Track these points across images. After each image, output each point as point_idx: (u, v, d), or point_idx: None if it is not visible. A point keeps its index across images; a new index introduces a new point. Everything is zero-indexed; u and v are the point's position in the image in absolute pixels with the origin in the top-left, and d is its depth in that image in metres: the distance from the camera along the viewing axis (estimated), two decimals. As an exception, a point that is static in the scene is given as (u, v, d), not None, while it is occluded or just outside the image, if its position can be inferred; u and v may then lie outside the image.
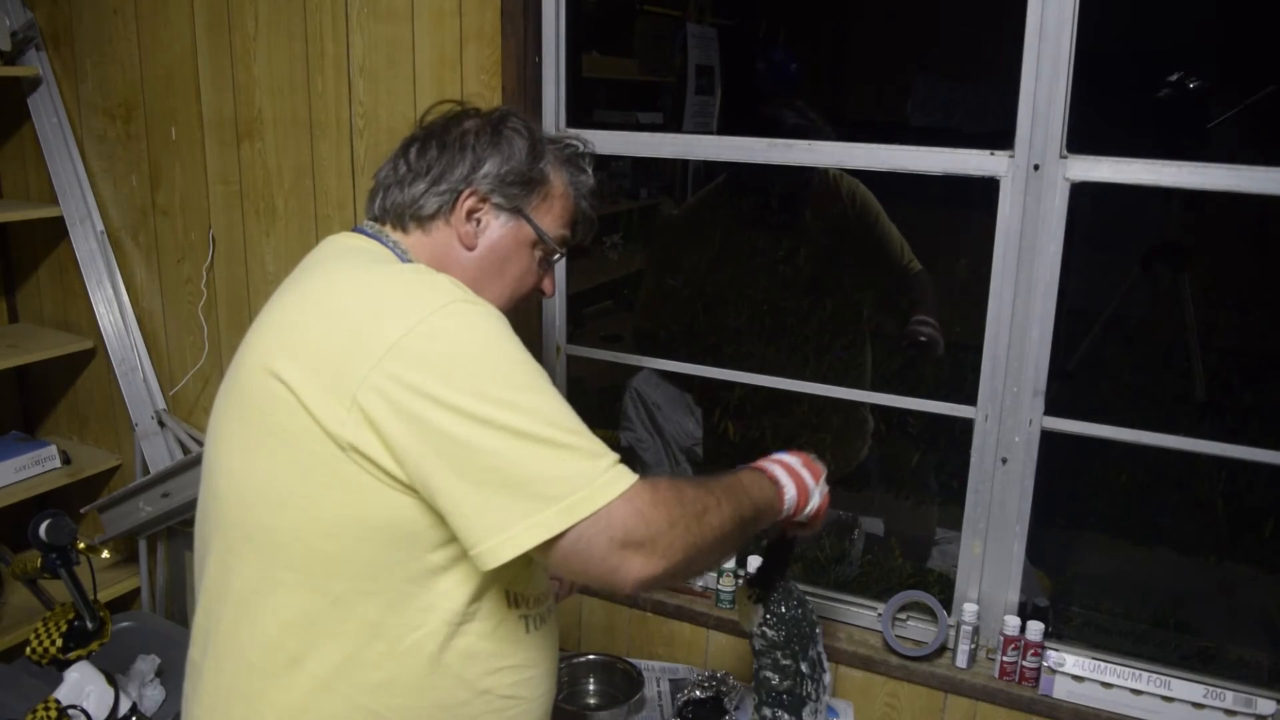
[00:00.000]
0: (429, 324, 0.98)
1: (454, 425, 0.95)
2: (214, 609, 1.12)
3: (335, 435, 0.98)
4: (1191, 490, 2.78)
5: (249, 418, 1.07)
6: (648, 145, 1.96)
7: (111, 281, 2.38)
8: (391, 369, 0.96)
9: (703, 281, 2.48)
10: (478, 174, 1.19)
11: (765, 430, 2.62)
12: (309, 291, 1.10)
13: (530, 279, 1.26)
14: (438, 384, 0.95)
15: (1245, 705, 1.56)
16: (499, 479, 0.95)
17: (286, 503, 1.03)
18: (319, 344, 1.02)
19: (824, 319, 2.50)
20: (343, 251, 1.17)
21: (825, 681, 1.51)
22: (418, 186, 1.19)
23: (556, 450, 0.97)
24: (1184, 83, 2.18)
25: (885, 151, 1.68)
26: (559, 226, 1.26)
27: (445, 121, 1.24)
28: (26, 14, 2.33)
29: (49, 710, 1.73)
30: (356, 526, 1.01)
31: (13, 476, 2.32)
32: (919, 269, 2.32)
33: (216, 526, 1.12)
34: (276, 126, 2.10)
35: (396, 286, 1.05)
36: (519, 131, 1.22)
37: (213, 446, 1.14)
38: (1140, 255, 2.64)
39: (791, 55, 3.34)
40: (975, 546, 1.73)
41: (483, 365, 0.98)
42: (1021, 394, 1.64)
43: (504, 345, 1.01)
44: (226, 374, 1.16)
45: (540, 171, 1.22)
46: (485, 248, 1.21)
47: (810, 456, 1.36)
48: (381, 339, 0.97)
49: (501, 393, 0.97)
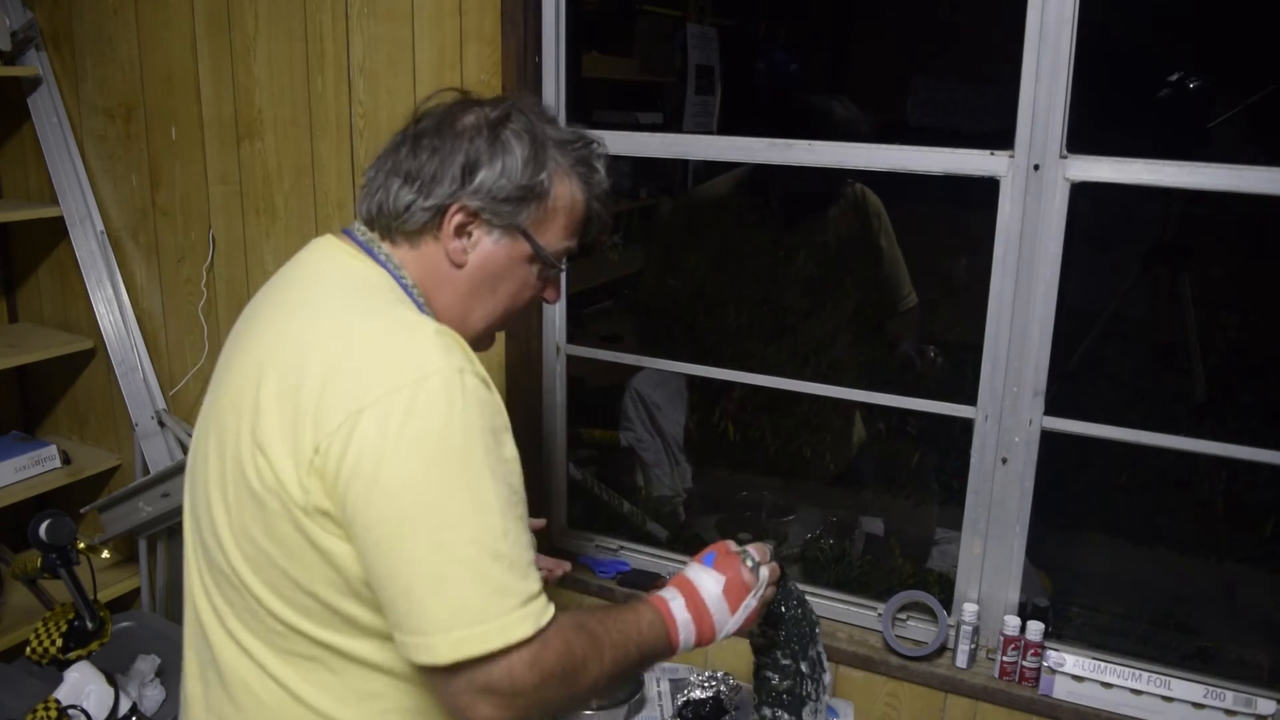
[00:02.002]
0: (392, 401, 0.94)
1: (385, 513, 0.94)
2: (207, 649, 1.12)
3: (299, 501, 0.97)
4: (1191, 490, 2.77)
5: (229, 474, 1.05)
6: (648, 145, 1.96)
7: (111, 281, 2.38)
8: (345, 439, 0.94)
9: (705, 278, 2.50)
10: (467, 188, 1.10)
11: (765, 430, 2.62)
12: (297, 329, 1.05)
13: (528, 293, 1.19)
14: (378, 466, 0.93)
15: (1245, 705, 1.56)
16: (404, 585, 0.94)
17: (266, 562, 1.03)
18: (292, 404, 0.99)
19: (825, 319, 2.50)
20: (336, 277, 1.11)
21: (825, 681, 1.51)
22: (404, 195, 1.11)
23: (470, 573, 0.93)
24: (1184, 83, 2.18)
25: (885, 151, 1.68)
26: (562, 239, 1.18)
27: (441, 117, 1.14)
28: (26, 14, 2.33)
29: (49, 710, 1.73)
30: (333, 585, 1.01)
31: (13, 476, 2.33)
32: (914, 303, 2.38)
33: (205, 564, 1.12)
34: (276, 126, 2.10)
35: (380, 348, 0.99)
36: (519, 135, 1.12)
37: (198, 469, 1.12)
38: (1140, 255, 2.64)
39: (791, 55, 3.34)
40: (975, 546, 1.73)
41: (432, 461, 0.94)
42: (1021, 394, 1.64)
43: (464, 439, 0.95)
44: (216, 377, 1.15)
45: (540, 184, 1.13)
46: (475, 265, 1.13)
47: (741, 568, 1.22)
48: (345, 406, 0.95)
49: (439, 497, 0.94)
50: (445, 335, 1.01)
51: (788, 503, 2.63)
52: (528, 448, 2.00)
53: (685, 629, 1.15)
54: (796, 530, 2.53)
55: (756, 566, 1.23)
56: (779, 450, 2.68)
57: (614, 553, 2.05)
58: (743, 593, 1.21)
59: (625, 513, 2.39)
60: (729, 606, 1.19)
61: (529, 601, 0.95)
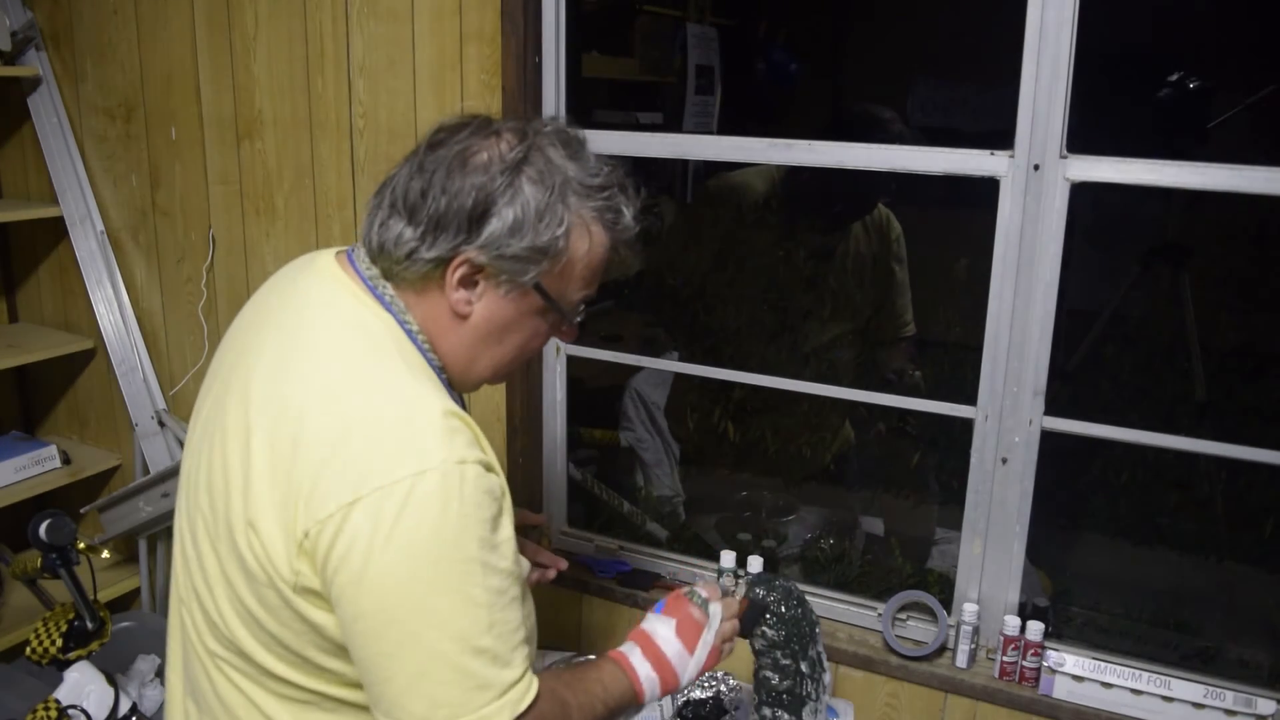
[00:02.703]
0: (386, 496, 0.92)
1: (369, 608, 0.94)
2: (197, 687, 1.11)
3: (288, 580, 0.97)
4: (1191, 490, 2.78)
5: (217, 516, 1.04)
6: (648, 145, 1.96)
7: (111, 281, 2.38)
8: (336, 528, 0.93)
9: (710, 274, 2.52)
10: (473, 240, 1.01)
11: (765, 430, 2.62)
12: (293, 389, 1.00)
13: (539, 341, 1.13)
14: (366, 562, 0.92)
15: (1245, 705, 1.56)
16: (385, 675, 0.95)
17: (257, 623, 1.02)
18: (284, 482, 0.96)
19: (828, 325, 2.52)
20: (337, 326, 1.04)
21: (825, 681, 1.51)
22: (407, 240, 1.03)
23: (450, 671, 0.94)
24: (1184, 83, 2.18)
25: (885, 151, 1.68)
26: (580, 289, 1.10)
27: (453, 149, 1.04)
28: (26, 14, 2.33)
29: (49, 710, 1.73)
30: (323, 650, 1.01)
31: (13, 476, 2.33)
32: (912, 331, 2.41)
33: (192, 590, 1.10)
34: (276, 126, 2.10)
35: (379, 435, 0.95)
36: (537, 182, 1.02)
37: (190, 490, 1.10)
38: (1140, 255, 2.64)
39: (791, 55, 3.34)
40: (975, 546, 1.73)
41: (422, 561, 0.92)
42: (1021, 394, 1.64)
43: (458, 537, 0.93)
44: (208, 396, 1.13)
45: (555, 243, 1.03)
46: (481, 318, 1.06)
47: (690, 608, 1.23)
48: (338, 495, 0.93)
49: (425, 597, 0.93)
50: (448, 419, 0.97)
51: (788, 502, 2.63)
52: (528, 448, 2.00)
53: (648, 679, 1.17)
54: (796, 530, 2.53)
55: (705, 603, 1.25)
56: (779, 450, 2.68)
57: (614, 553, 2.05)
58: (695, 630, 1.22)
59: (625, 513, 2.39)
60: (685, 647, 1.20)
61: (509, 690, 0.97)
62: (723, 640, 1.26)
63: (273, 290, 1.15)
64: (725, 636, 1.26)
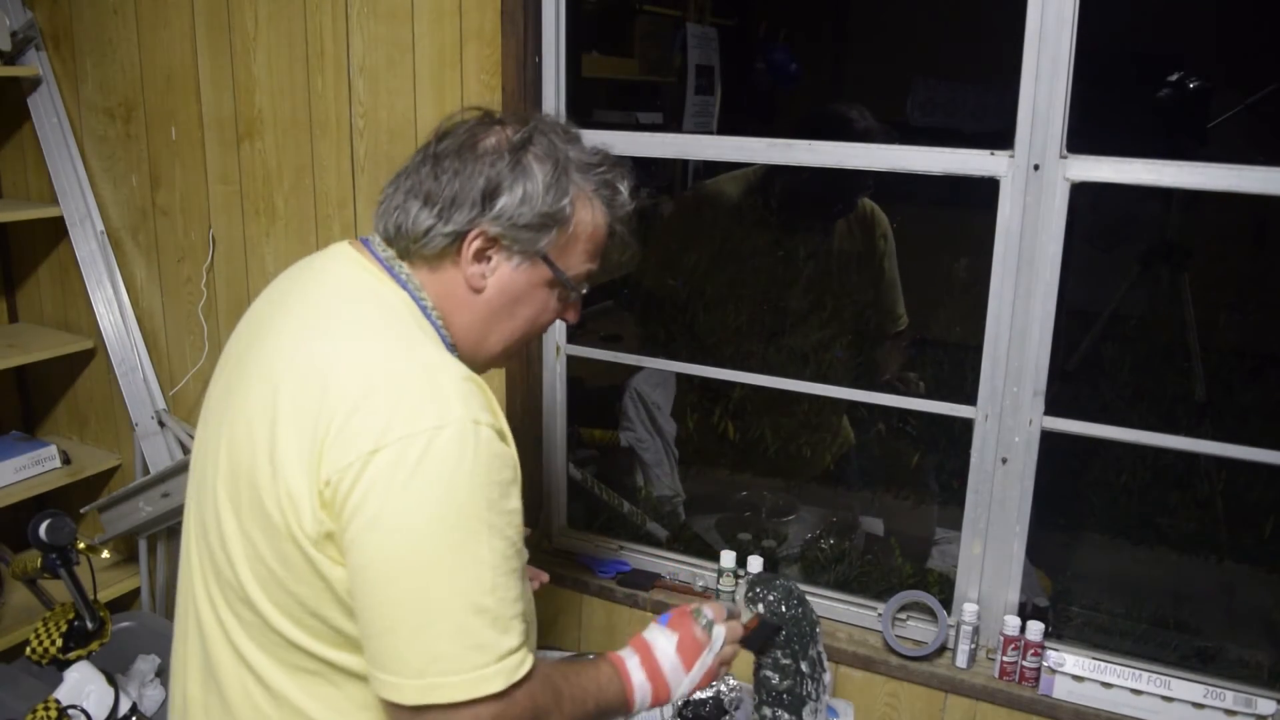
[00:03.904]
0: (406, 446, 0.95)
1: (379, 554, 0.95)
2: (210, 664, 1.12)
3: (309, 531, 0.99)
4: (1191, 490, 2.78)
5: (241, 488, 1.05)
6: (648, 145, 1.96)
7: (111, 281, 2.38)
8: (355, 475, 0.95)
9: (704, 276, 2.52)
10: (487, 213, 1.09)
11: (765, 430, 2.62)
12: (319, 351, 1.04)
13: (547, 316, 1.19)
14: (382, 507, 0.94)
15: (1245, 705, 1.56)
16: (385, 625, 0.96)
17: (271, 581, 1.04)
18: (310, 432, 0.99)
19: (820, 325, 2.52)
20: (358, 298, 1.10)
21: (825, 681, 1.51)
22: (424, 219, 1.10)
23: (451, 625, 0.96)
24: (1184, 83, 2.18)
25: (885, 151, 1.68)
26: (583, 262, 1.17)
27: (462, 138, 1.12)
28: (26, 14, 2.33)
29: (49, 710, 1.73)
30: (339, 608, 1.02)
31: (13, 476, 2.32)
32: (905, 325, 2.40)
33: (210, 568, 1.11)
34: (276, 126, 2.10)
35: (402, 391, 0.99)
36: (541, 159, 1.11)
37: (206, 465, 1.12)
38: (1140, 255, 2.64)
39: (791, 55, 3.34)
40: (975, 546, 1.73)
41: (434, 512, 0.95)
42: (1021, 394, 1.64)
43: (470, 493, 0.96)
44: (225, 377, 1.15)
45: (562, 210, 1.11)
46: (495, 290, 1.13)
47: (695, 627, 1.24)
48: (360, 445, 0.96)
49: (434, 548, 0.95)
50: (468, 383, 1.01)
51: (788, 503, 2.63)
52: (528, 448, 2.00)
53: (641, 688, 1.18)
54: (796, 530, 2.53)
55: (710, 625, 1.25)
56: (779, 450, 2.68)
57: (614, 553, 2.05)
58: (696, 650, 1.23)
59: (625, 513, 2.39)
60: (683, 664, 1.21)
61: (505, 657, 0.97)
62: (720, 663, 1.27)
63: (289, 279, 1.19)
64: (723, 659, 1.27)
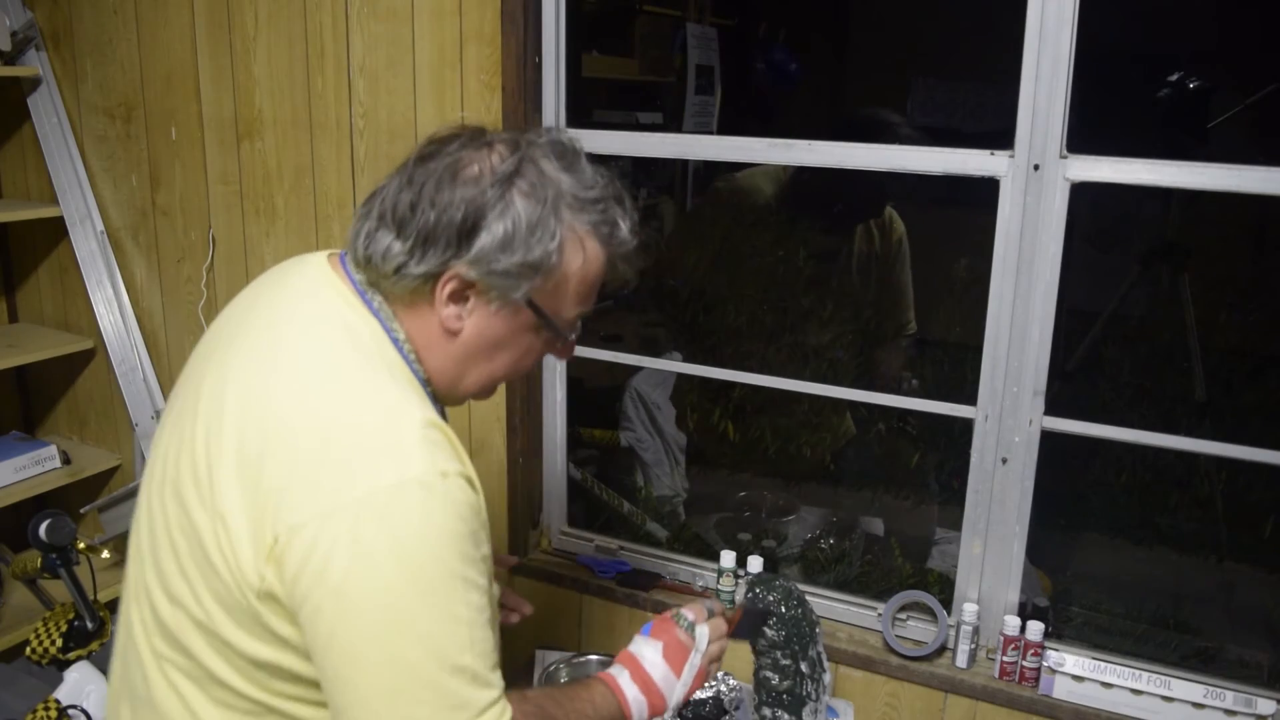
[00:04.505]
0: (365, 507, 0.89)
1: (346, 623, 0.91)
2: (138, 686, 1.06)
3: (252, 584, 0.93)
4: (1191, 490, 2.78)
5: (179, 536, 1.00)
6: (648, 145, 1.96)
7: (111, 281, 2.38)
8: (311, 538, 0.89)
9: (712, 273, 2.53)
10: (463, 256, 0.98)
11: (765, 429, 2.62)
12: (273, 386, 0.97)
13: (531, 358, 1.10)
14: (345, 576, 0.89)
15: (1245, 705, 1.56)
16: (359, 696, 0.92)
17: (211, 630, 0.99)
18: (254, 479, 0.93)
19: (830, 324, 2.53)
20: (325, 327, 1.01)
21: (825, 681, 1.51)
22: (395, 253, 1.00)
23: (428, 690, 0.91)
24: (1184, 83, 2.18)
25: (885, 151, 1.68)
26: (574, 306, 1.06)
27: (445, 162, 1.01)
28: (26, 14, 2.33)
29: (49, 710, 1.73)
30: (281, 654, 0.98)
31: (13, 476, 2.32)
32: (914, 331, 2.42)
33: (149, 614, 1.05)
34: (276, 126, 2.10)
35: (359, 444, 0.92)
36: (528, 195, 0.99)
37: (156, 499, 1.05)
38: (1140, 255, 2.64)
39: (791, 55, 3.35)
40: (975, 546, 1.73)
41: (403, 576, 0.89)
42: (1021, 394, 1.64)
43: (439, 551, 0.91)
44: (181, 390, 1.10)
45: (547, 258, 1.00)
46: (472, 334, 1.03)
47: (677, 630, 1.22)
48: (314, 503, 0.90)
49: (406, 614, 0.90)
50: (431, 430, 0.94)
51: (788, 502, 2.63)
52: (528, 448, 2.00)
53: (636, 702, 1.17)
54: (796, 530, 2.53)
55: (691, 627, 1.24)
56: (779, 450, 2.68)
57: (614, 553, 2.05)
58: (682, 654, 1.22)
59: (625, 513, 2.39)
60: (672, 670, 1.20)
61: (485, 710, 0.94)
62: (709, 662, 1.26)
63: (261, 286, 1.14)
64: (712, 658, 1.27)
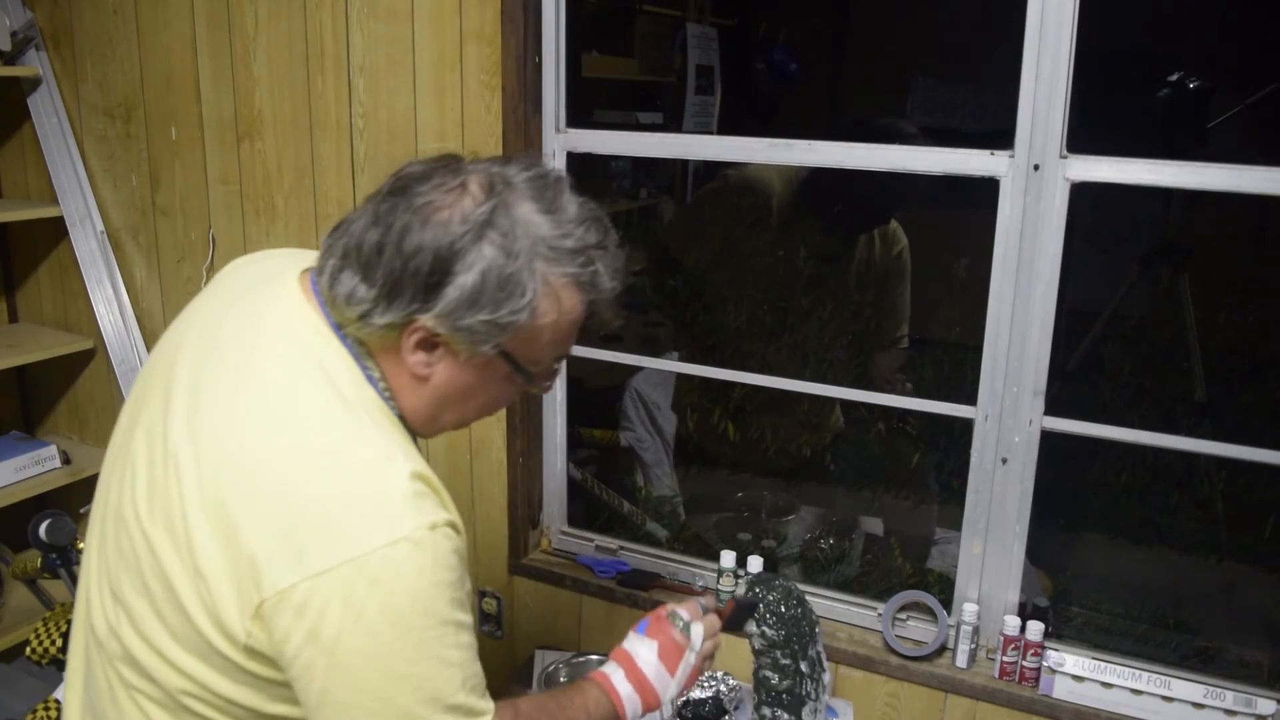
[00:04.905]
0: (356, 569, 0.89)
1: (342, 680, 0.91)
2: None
3: (238, 640, 0.93)
4: (1191, 490, 2.78)
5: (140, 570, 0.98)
6: (648, 145, 1.96)
7: (111, 281, 2.38)
8: (302, 600, 0.89)
9: (713, 272, 2.53)
10: (429, 308, 0.94)
11: (765, 429, 2.62)
12: (246, 432, 0.95)
13: (506, 399, 1.08)
14: (338, 637, 0.89)
15: (1245, 705, 1.56)
16: None
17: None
18: (232, 538, 0.92)
19: (826, 325, 2.53)
20: (300, 367, 0.98)
21: (825, 681, 1.51)
22: (359, 298, 0.95)
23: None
24: (1184, 83, 2.18)
25: (885, 151, 1.67)
26: (550, 353, 1.02)
27: (415, 203, 0.95)
28: (26, 14, 2.33)
29: (49, 710, 1.73)
30: (260, 697, 0.98)
31: (13, 476, 2.32)
32: (906, 345, 2.42)
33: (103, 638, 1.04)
34: (276, 126, 2.10)
35: (343, 504, 0.91)
36: (501, 248, 0.93)
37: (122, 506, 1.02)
38: (1140, 255, 2.64)
39: (791, 55, 3.35)
40: (975, 546, 1.73)
41: (396, 632, 0.90)
42: (1021, 394, 1.64)
43: (432, 604, 0.92)
44: (144, 393, 1.06)
45: (516, 316, 0.95)
46: (442, 380, 1.00)
47: (673, 630, 1.23)
48: (302, 565, 0.89)
49: (401, 666, 0.91)
50: (416, 482, 0.93)
51: (788, 502, 2.63)
52: (528, 448, 2.00)
53: (630, 700, 1.18)
54: (796, 530, 2.53)
55: (687, 626, 1.25)
56: (779, 450, 2.68)
57: (614, 553, 2.05)
58: (677, 654, 1.22)
59: (625, 513, 2.39)
60: (667, 670, 1.21)
61: None
62: (704, 659, 1.27)
63: (230, 295, 1.09)
64: (706, 655, 1.28)
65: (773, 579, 1.50)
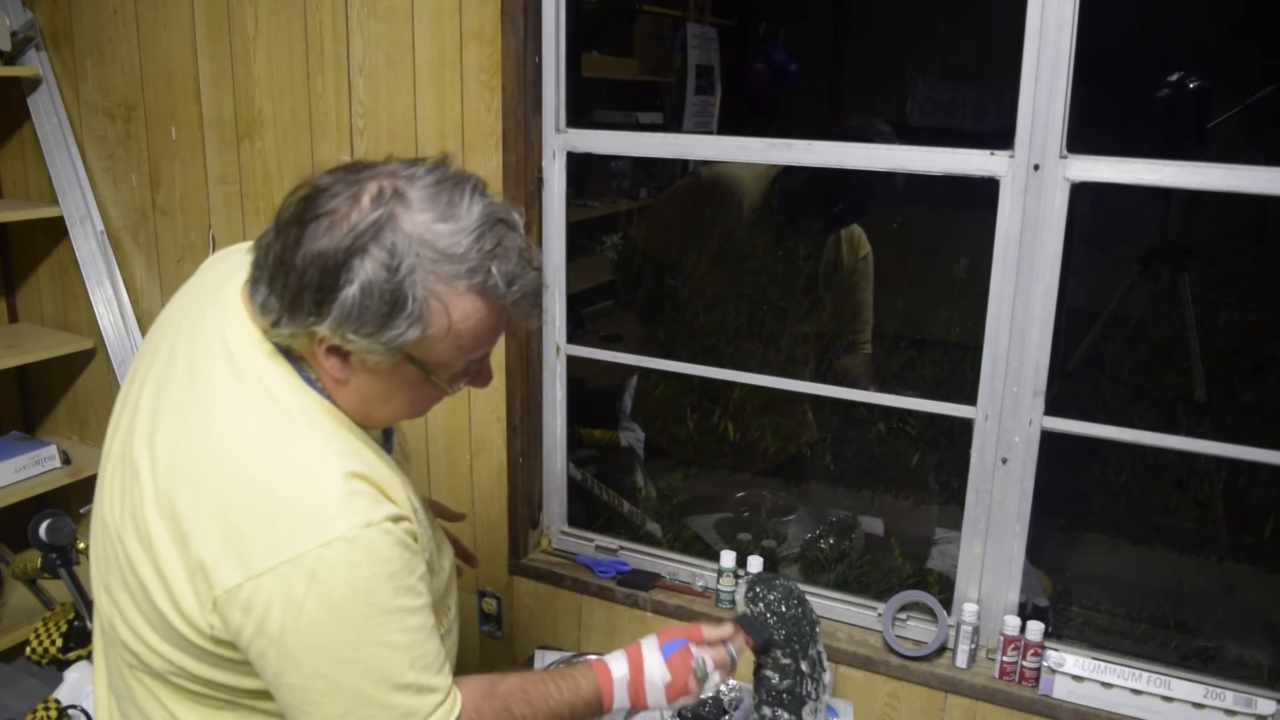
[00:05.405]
0: (295, 568, 0.94)
1: (292, 668, 0.97)
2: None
3: (204, 631, 0.99)
4: (1191, 490, 2.78)
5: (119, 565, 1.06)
6: (648, 145, 1.96)
7: (111, 281, 2.39)
8: (247, 599, 0.95)
9: (695, 271, 2.53)
10: (323, 321, 0.95)
11: (765, 429, 2.62)
12: (193, 443, 1.00)
13: (431, 400, 1.08)
14: (283, 631, 0.95)
15: (1245, 705, 1.56)
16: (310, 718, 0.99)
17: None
18: (181, 544, 0.98)
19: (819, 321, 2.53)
20: (242, 379, 1.01)
21: (825, 681, 1.51)
22: (270, 309, 0.99)
23: (376, 709, 0.99)
24: (1184, 83, 2.18)
25: (885, 151, 1.68)
26: (459, 356, 1.02)
27: (310, 217, 0.96)
28: (26, 14, 2.33)
29: (49, 710, 1.73)
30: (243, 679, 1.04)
31: (13, 476, 2.32)
32: (869, 352, 2.42)
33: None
34: (276, 126, 2.10)
35: (281, 506, 0.96)
36: (382, 262, 0.93)
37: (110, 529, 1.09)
38: (1140, 255, 2.64)
39: (791, 55, 3.35)
40: (975, 546, 1.73)
41: (339, 623, 0.96)
42: (1021, 394, 1.64)
43: (371, 595, 0.97)
44: (124, 403, 1.12)
45: (403, 323, 0.95)
46: (362, 383, 1.02)
47: (690, 677, 1.25)
48: (245, 567, 0.95)
49: (346, 652, 0.97)
50: (352, 480, 0.98)
51: (788, 502, 2.63)
52: (528, 448, 2.00)
53: (619, 710, 1.22)
54: (796, 530, 2.53)
55: (705, 678, 1.27)
56: (778, 450, 2.68)
57: (614, 553, 2.05)
58: (682, 693, 1.25)
59: (625, 513, 2.39)
60: (666, 699, 1.25)
61: (433, 713, 1.02)
62: (697, 692, 1.29)
63: (190, 308, 1.14)
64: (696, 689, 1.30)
65: (773, 579, 1.50)
